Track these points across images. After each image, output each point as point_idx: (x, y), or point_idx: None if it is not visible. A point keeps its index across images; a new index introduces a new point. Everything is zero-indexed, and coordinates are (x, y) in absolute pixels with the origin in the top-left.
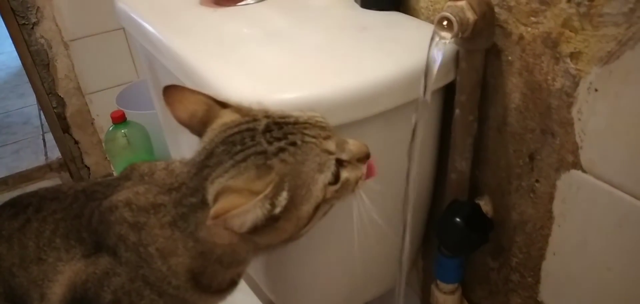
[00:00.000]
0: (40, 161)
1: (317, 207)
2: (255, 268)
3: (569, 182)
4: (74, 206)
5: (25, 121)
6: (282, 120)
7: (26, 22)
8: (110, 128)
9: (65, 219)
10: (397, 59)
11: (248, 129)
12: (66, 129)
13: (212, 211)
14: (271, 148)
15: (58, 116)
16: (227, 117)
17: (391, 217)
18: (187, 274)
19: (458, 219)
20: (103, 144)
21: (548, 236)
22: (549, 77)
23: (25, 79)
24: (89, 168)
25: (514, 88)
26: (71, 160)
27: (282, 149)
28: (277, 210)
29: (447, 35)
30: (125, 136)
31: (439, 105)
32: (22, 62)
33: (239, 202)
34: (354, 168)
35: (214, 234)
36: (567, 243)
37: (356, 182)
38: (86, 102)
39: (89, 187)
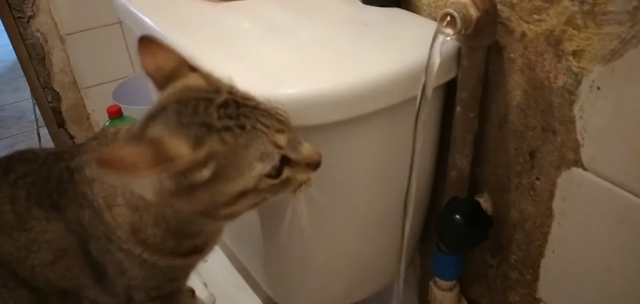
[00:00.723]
0: None
1: (244, 193)
2: (253, 264)
3: (569, 180)
4: (43, 168)
5: (19, 115)
6: (243, 101)
7: (22, 16)
8: (106, 123)
9: (36, 183)
10: (398, 55)
11: (206, 99)
12: (61, 124)
13: (102, 152)
14: (218, 124)
15: (53, 111)
16: (191, 80)
17: (391, 213)
18: (128, 227)
19: (457, 217)
20: None
21: (548, 233)
22: (551, 75)
23: (20, 73)
24: None
25: (516, 86)
26: None
27: (227, 128)
28: (191, 180)
29: (449, 31)
30: None
31: (440, 102)
32: (17, 56)
33: (136, 163)
34: (300, 171)
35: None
36: (567, 241)
37: (299, 185)
38: (82, 97)
39: (60, 150)
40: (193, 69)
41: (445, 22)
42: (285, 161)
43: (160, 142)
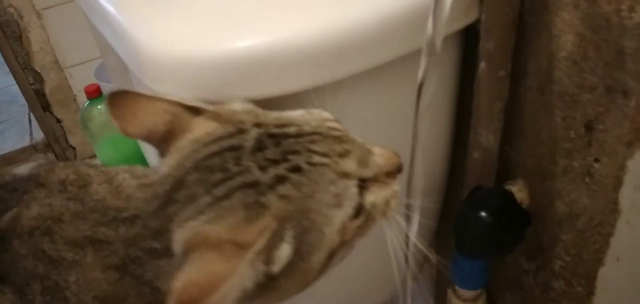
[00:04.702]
0: (25, 142)
1: (331, 255)
2: None
3: None
4: None
5: (11, 99)
6: (280, 131)
7: None
8: (85, 104)
9: None
10: None
11: (231, 147)
12: (47, 107)
13: (175, 292)
14: (265, 177)
15: (36, 93)
16: (199, 130)
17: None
18: None
19: (483, 214)
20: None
21: (610, 235)
22: (623, 7)
23: None
24: (74, 148)
25: (566, 28)
26: (55, 140)
27: (281, 179)
28: (275, 268)
29: None
30: (105, 112)
31: (456, 56)
32: None
33: (217, 270)
34: (382, 186)
35: None
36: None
37: (387, 203)
38: (66, 77)
39: None
40: (196, 110)
41: None
42: (361, 187)
43: (208, 239)
